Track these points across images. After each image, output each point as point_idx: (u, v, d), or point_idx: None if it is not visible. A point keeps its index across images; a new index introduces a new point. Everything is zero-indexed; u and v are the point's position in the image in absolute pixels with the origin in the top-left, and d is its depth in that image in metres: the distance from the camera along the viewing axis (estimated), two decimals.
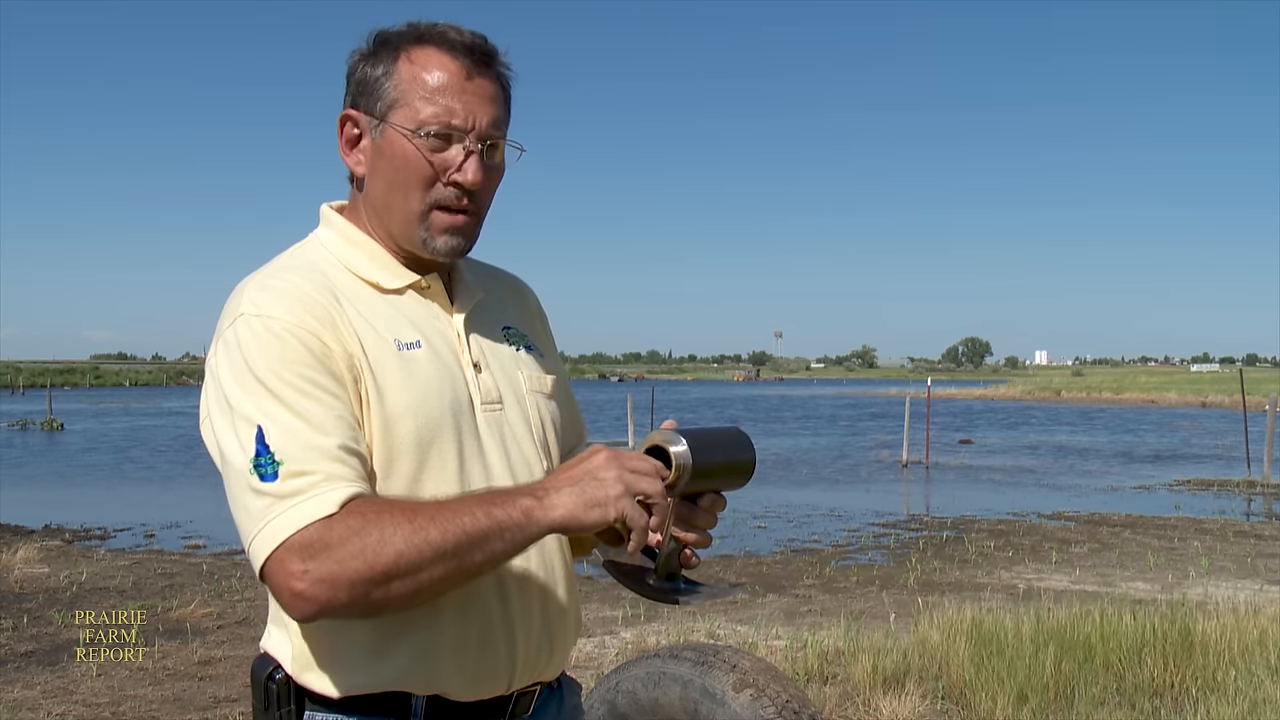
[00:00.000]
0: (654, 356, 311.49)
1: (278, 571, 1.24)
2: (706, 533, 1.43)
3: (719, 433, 1.44)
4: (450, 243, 1.45)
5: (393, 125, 1.42)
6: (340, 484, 1.26)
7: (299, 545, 1.23)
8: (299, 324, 1.33)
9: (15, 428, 34.84)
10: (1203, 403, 53.85)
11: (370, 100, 1.44)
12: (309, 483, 1.25)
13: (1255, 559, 10.29)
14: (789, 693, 3.30)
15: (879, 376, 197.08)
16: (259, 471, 1.26)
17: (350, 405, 1.33)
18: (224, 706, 5.44)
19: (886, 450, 25.07)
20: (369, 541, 1.22)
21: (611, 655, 6.24)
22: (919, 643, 5.70)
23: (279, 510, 1.24)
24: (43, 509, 14.49)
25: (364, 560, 1.22)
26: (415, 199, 1.43)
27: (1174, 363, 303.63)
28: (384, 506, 1.26)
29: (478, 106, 1.42)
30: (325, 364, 1.33)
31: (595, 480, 1.28)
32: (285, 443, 1.26)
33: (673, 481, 1.36)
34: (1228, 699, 4.80)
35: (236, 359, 1.32)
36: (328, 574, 1.22)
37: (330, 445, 1.28)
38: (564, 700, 1.58)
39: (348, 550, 1.22)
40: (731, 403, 62.75)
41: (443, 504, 1.28)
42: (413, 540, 1.23)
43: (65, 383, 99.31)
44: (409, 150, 1.41)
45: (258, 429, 1.27)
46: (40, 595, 8.43)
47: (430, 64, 1.42)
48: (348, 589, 1.22)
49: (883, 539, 12.08)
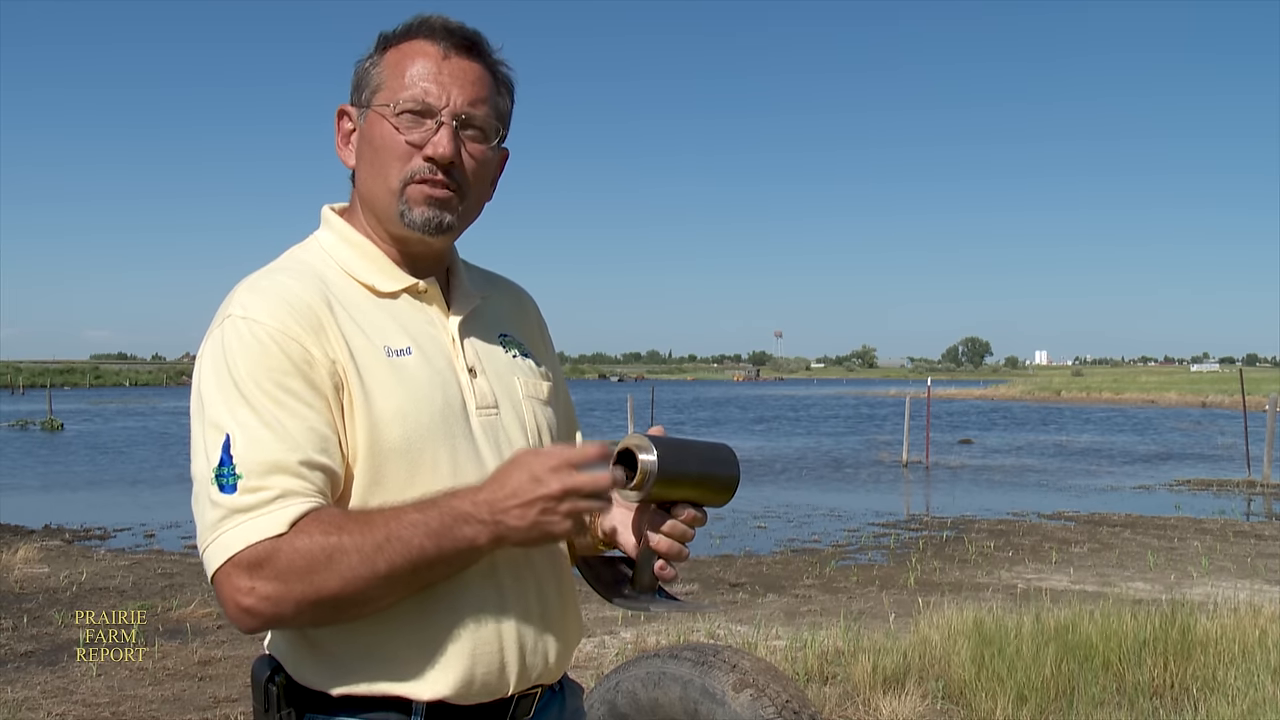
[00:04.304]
0: (654, 356, 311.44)
1: (226, 585, 1.28)
2: (681, 545, 1.43)
3: (699, 445, 1.44)
4: (426, 214, 1.44)
5: (373, 109, 1.45)
6: (295, 500, 1.29)
7: (247, 562, 1.26)
8: (283, 330, 1.34)
9: (15, 428, 34.83)
10: (1203, 403, 53.83)
11: (359, 92, 1.48)
12: (264, 498, 1.28)
13: (1255, 559, 10.29)
14: (789, 693, 3.30)
15: (879, 376, 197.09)
16: (219, 482, 1.29)
17: (326, 416, 1.34)
18: (224, 706, 5.44)
19: (886, 450, 25.08)
20: (316, 565, 1.26)
21: (611, 655, 6.24)
22: (919, 643, 5.70)
23: (231, 525, 1.28)
24: (43, 509, 14.50)
25: (310, 584, 1.26)
26: (393, 174, 1.44)
27: (1174, 363, 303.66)
28: (335, 528, 1.28)
29: (453, 85, 1.44)
30: (305, 373, 1.34)
31: (541, 503, 1.28)
32: (248, 455, 1.29)
33: (637, 485, 1.36)
34: (1228, 699, 4.80)
35: (219, 360, 1.34)
36: (273, 592, 1.26)
37: (292, 460, 1.30)
38: (565, 703, 1.57)
39: (294, 572, 1.26)
40: (731, 403, 62.73)
41: (395, 527, 1.28)
42: (359, 571, 1.27)
43: (65, 383, 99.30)
44: (385, 129, 1.44)
45: (226, 437, 1.30)
46: (40, 595, 8.43)
47: (413, 50, 1.45)
48: (293, 608, 1.28)
49: (883, 539, 12.08)
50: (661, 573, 1.44)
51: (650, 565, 1.43)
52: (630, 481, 1.37)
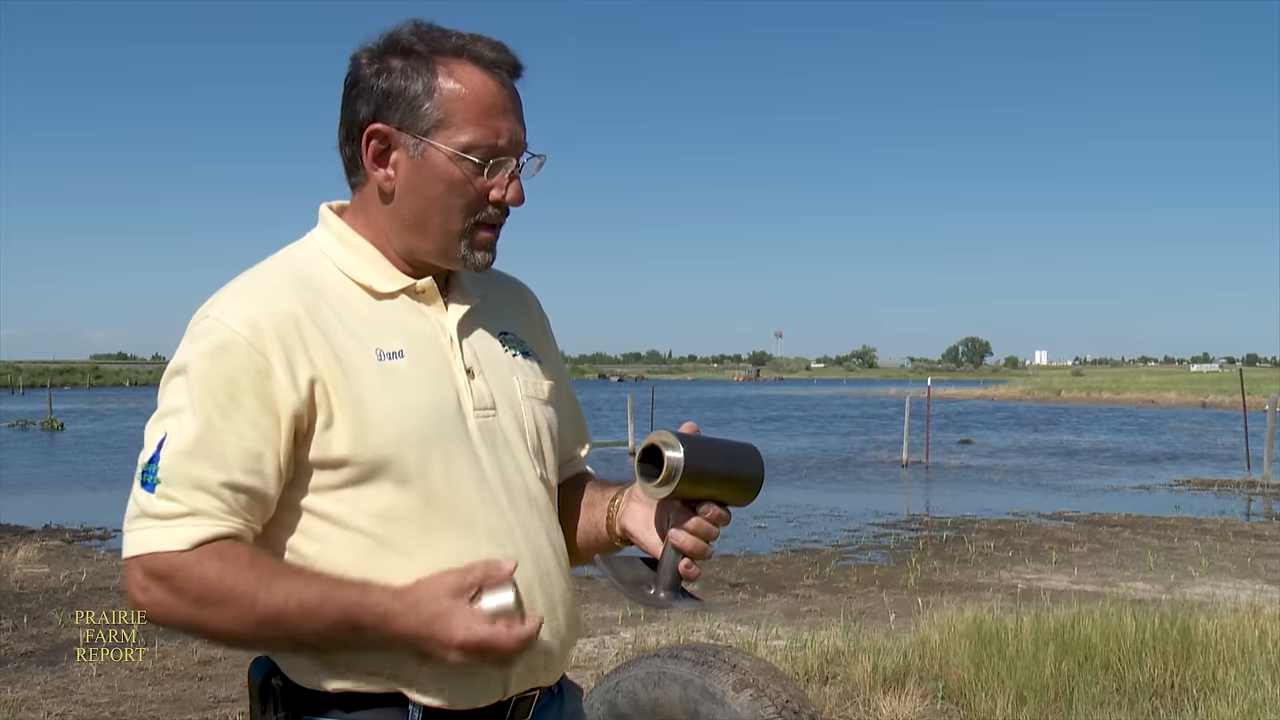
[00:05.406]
0: (654, 356, 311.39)
1: (130, 575, 1.33)
2: (706, 544, 1.43)
3: (726, 444, 1.44)
4: (488, 257, 1.47)
5: (436, 146, 1.41)
6: (204, 521, 1.31)
7: (147, 566, 1.31)
8: (251, 341, 1.34)
9: (15, 428, 34.83)
10: (1203, 403, 53.79)
11: (407, 116, 1.41)
12: (173, 510, 1.31)
13: (1255, 559, 10.29)
14: (789, 693, 3.30)
15: (879, 376, 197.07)
16: (144, 478, 1.33)
17: (270, 436, 1.33)
18: (224, 706, 5.44)
19: (886, 450, 25.06)
20: (206, 599, 1.29)
21: (611, 655, 6.24)
22: (919, 643, 5.70)
23: (142, 526, 1.32)
24: (43, 509, 14.49)
25: (196, 612, 1.30)
26: (458, 219, 1.43)
27: (1174, 363, 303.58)
28: (238, 570, 1.30)
29: (517, 126, 1.44)
30: (260, 389, 1.33)
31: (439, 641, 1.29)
32: (173, 462, 1.31)
33: (663, 481, 1.35)
34: (1227, 699, 4.80)
35: (184, 358, 1.36)
36: (163, 602, 1.31)
37: (214, 479, 1.31)
38: (564, 705, 1.56)
39: (186, 595, 1.30)
40: (731, 403, 62.71)
41: (294, 602, 1.29)
42: (246, 620, 1.30)
43: (65, 383, 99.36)
44: (454, 173, 1.41)
45: (163, 435, 1.33)
46: (40, 595, 8.43)
47: (472, 83, 1.41)
48: (179, 623, 1.33)
49: (883, 539, 12.08)
50: (687, 571, 1.43)
51: (675, 564, 1.43)
52: (656, 478, 1.36)
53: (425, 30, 1.44)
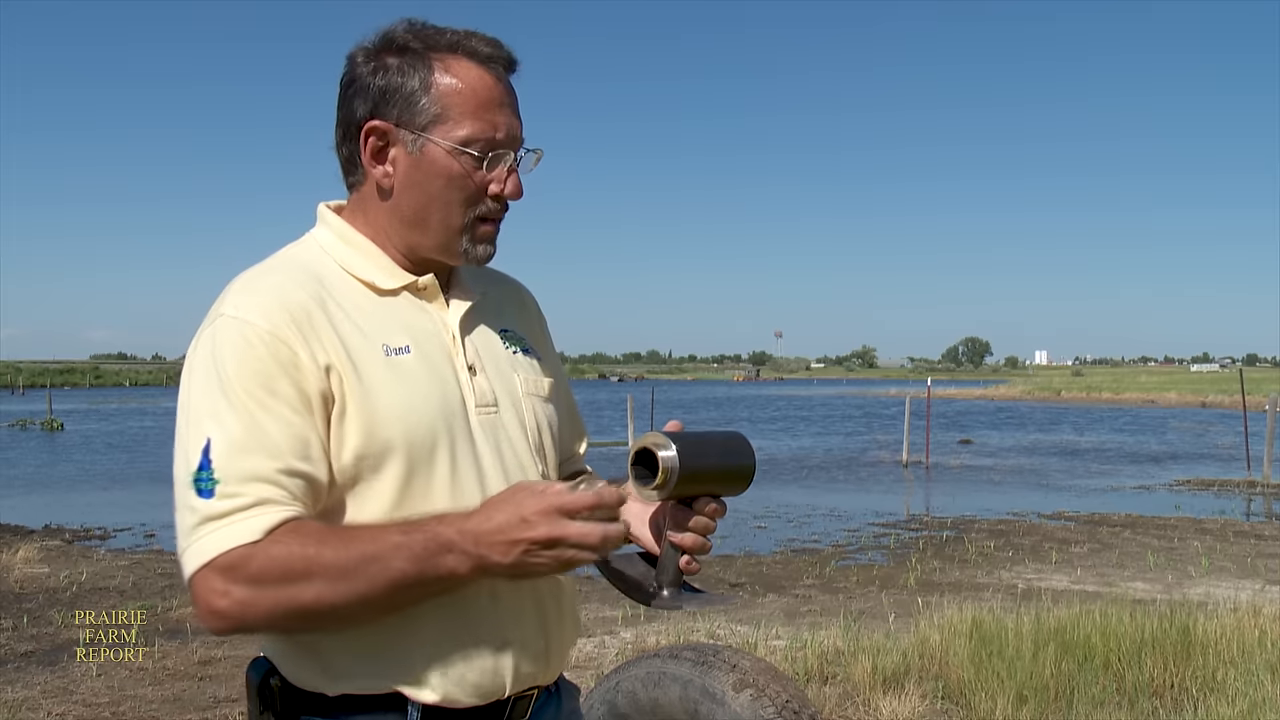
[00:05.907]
0: (654, 356, 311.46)
1: (201, 588, 1.28)
2: (705, 538, 1.43)
3: (714, 437, 1.43)
4: (489, 250, 1.48)
5: (434, 141, 1.41)
6: (271, 509, 1.28)
7: (223, 567, 1.27)
8: (273, 332, 1.33)
9: (15, 428, 34.83)
10: (1203, 403, 53.79)
11: (404, 113, 1.41)
12: (239, 504, 1.28)
13: (1255, 559, 10.28)
14: (789, 693, 3.30)
15: (879, 376, 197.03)
16: (197, 486, 1.29)
17: (310, 421, 1.33)
18: (224, 706, 5.44)
19: (886, 450, 25.06)
20: (291, 575, 1.26)
21: (611, 655, 6.23)
22: (919, 643, 5.70)
23: (208, 530, 1.28)
24: (43, 509, 14.50)
25: (283, 593, 1.26)
26: (458, 214, 1.44)
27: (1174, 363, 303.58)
28: (314, 541, 1.27)
29: (513, 120, 1.45)
30: (292, 377, 1.33)
31: (525, 545, 1.25)
32: (226, 461, 1.29)
33: (660, 484, 1.35)
34: (1227, 699, 4.80)
35: (207, 360, 1.34)
36: (247, 598, 1.27)
37: (270, 468, 1.29)
38: (562, 704, 1.56)
39: (268, 579, 1.26)
40: (732, 403, 62.71)
41: (375, 547, 1.27)
42: (335, 586, 1.27)
43: (65, 383, 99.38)
44: (453, 167, 1.42)
45: (206, 440, 1.30)
46: (40, 595, 8.43)
47: (468, 78, 1.42)
48: (264, 614, 1.28)
49: (883, 539, 12.07)
50: (688, 568, 1.43)
51: (675, 561, 1.43)
52: (651, 481, 1.36)
53: (420, 28, 1.44)
